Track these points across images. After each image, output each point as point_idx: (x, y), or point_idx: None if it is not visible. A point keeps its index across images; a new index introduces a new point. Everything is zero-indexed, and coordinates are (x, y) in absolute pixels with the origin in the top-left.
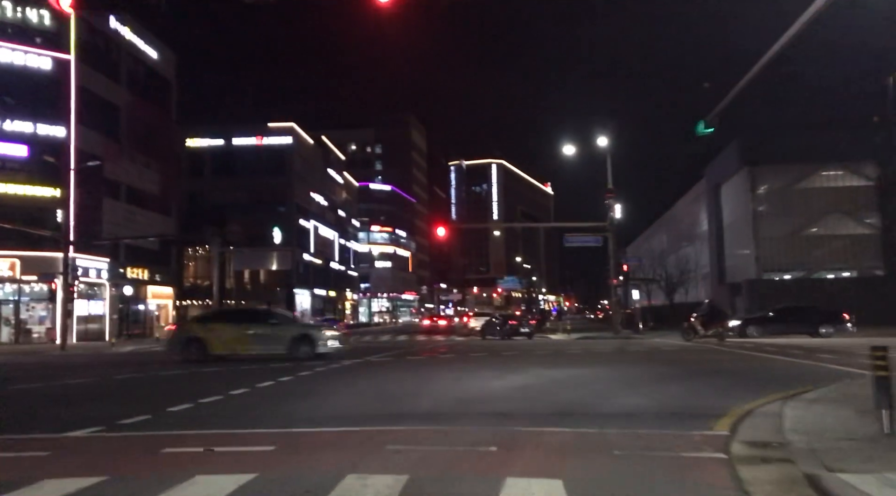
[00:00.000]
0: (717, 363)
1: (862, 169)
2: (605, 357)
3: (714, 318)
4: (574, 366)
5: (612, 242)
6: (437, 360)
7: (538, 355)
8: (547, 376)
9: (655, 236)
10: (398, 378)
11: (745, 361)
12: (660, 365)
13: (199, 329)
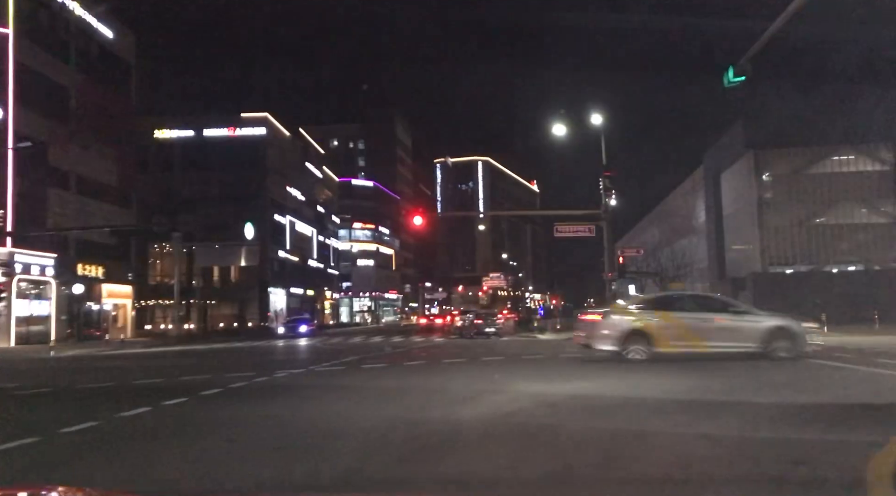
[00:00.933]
0: (756, 371)
1: (877, 152)
2: (608, 364)
3: None
4: (573, 378)
5: (607, 232)
6: (398, 370)
7: (525, 361)
8: (540, 397)
9: (648, 230)
10: (329, 400)
11: (788, 370)
12: (690, 375)
13: (641, 317)
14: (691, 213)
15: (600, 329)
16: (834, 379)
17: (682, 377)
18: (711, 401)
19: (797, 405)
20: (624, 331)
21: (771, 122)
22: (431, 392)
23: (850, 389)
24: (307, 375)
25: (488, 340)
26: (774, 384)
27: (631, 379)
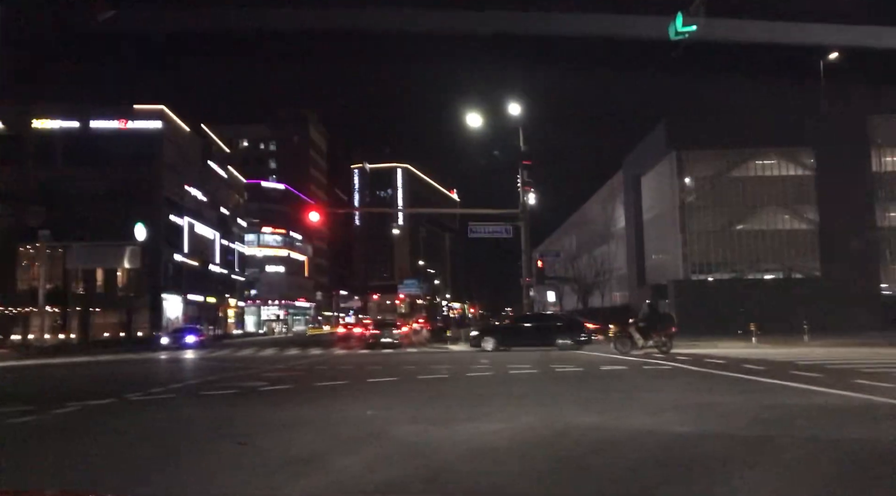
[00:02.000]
0: (750, 395)
1: (799, 156)
2: (531, 385)
3: (656, 324)
4: (478, 412)
5: (525, 233)
6: (245, 400)
7: (421, 383)
8: (424, 457)
9: (567, 237)
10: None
11: (754, 389)
12: (662, 410)
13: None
14: (610, 219)
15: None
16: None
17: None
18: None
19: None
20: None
21: (694, 123)
22: (255, 452)
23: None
24: (98, 413)
25: (394, 353)
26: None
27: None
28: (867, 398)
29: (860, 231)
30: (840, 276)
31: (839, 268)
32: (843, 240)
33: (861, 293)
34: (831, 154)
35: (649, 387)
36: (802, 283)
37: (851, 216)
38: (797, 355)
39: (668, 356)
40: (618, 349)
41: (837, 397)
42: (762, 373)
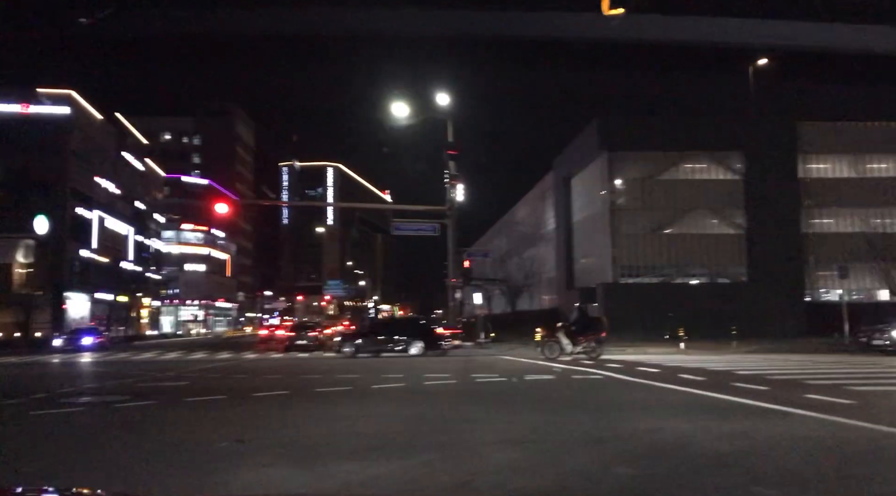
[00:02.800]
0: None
1: (729, 160)
2: (443, 402)
3: (585, 329)
4: (371, 446)
5: (452, 231)
6: (63, 424)
7: (320, 397)
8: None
9: (498, 238)
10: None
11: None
12: (601, 442)
13: None
14: (541, 220)
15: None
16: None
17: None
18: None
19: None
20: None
21: (625, 124)
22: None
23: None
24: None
25: (309, 357)
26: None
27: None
28: (847, 423)
29: (787, 236)
30: (766, 282)
31: (765, 274)
32: (769, 245)
33: (787, 298)
34: (760, 159)
35: (581, 404)
36: (729, 288)
37: (778, 221)
38: (732, 363)
39: (597, 363)
40: (545, 355)
41: (809, 422)
42: (703, 385)
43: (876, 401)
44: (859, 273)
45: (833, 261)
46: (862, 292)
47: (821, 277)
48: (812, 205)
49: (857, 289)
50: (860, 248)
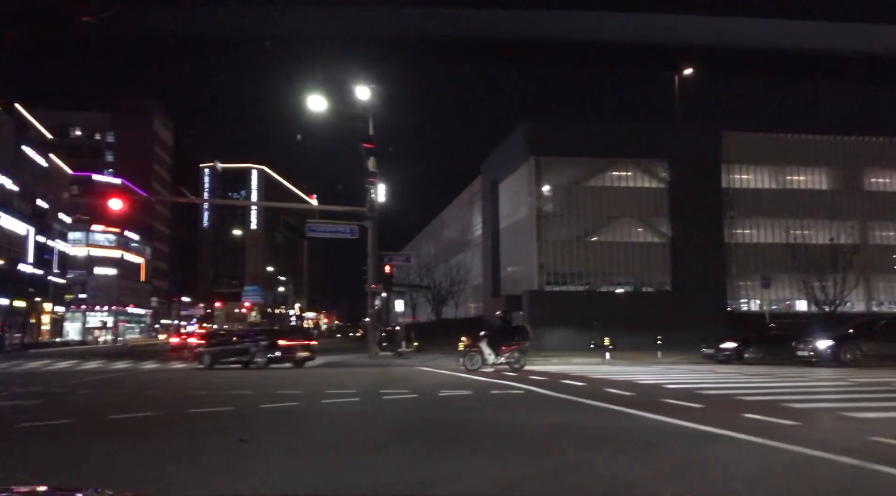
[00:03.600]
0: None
1: (654, 168)
2: (350, 424)
3: (509, 338)
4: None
5: (372, 234)
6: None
7: (195, 421)
8: None
9: (425, 244)
10: None
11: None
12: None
13: None
14: (468, 226)
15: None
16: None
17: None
18: None
19: None
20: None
21: (553, 129)
22: None
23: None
24: None
25: (212, 369)
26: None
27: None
28: (806, 453)
29: (710, 246)
30: (689, 291)
31: (689, 283)
32: (693, 254)
33: (710, 308)
34: (685, 168)
35: (493, 430)
36: (654, 297)
37: (702, 231)
38: (659, 375)
39: (520, 375)
40: (465, 366)
41: (763, 451)
42: (632, 402)
43: (821, 423)
44: (779, 283)
45: (755, 271)
46: (781, 302)
47: (742, 287)
48: (735, 215)
49: (776, 299)
50: (781, 259)
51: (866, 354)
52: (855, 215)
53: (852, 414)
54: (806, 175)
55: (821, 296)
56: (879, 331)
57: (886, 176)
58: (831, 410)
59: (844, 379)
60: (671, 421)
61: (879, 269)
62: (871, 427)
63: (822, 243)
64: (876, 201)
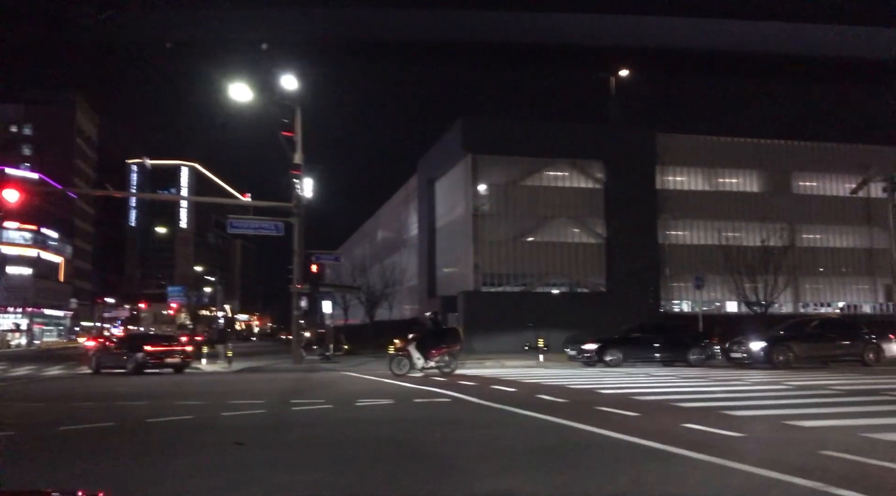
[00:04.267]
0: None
1: (590, 169)
2: (251, 440)
3: (439, 341)
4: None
5: (298, 231)
6: None
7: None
8: None
9: (360, 244)
10: None
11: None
12: None
13: None
14: (404, 225)
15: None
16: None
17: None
18: None
19: None
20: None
21: (490, 126)
22: None
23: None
24: None
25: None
26: None
27: None
28: (758, 473)
29: (645, 247)
30: (624, 292)
31: (623, 284)
32: (628, 255)
33: (644, 309)
34: (621, 169)
35: (405, 450)
36: (589, 298)
37: (637, 232)
38: (593, 379)
39: (450, 380)
40: (393, 371)
41: (708, 471)
42: (564, 411)
43: (767, 434)
44: (711, 284)
45: (688, 272)
46: (713, 303)
47: (675, 288)
48: (669, 216)
49: (708, 300)
50: (714, 260)
51: (798, 356)
52: (784, 218)
53: (796, 422)
54: (737, 177)
55: (752, 297)
56: (810, 332)
57: (813, 179)
58: (774, 418)
59: (779, 381)
60: (606, 433)
61: (806, 271)
62: (818, 438)
63: (753, 245)
64: (803, 204)
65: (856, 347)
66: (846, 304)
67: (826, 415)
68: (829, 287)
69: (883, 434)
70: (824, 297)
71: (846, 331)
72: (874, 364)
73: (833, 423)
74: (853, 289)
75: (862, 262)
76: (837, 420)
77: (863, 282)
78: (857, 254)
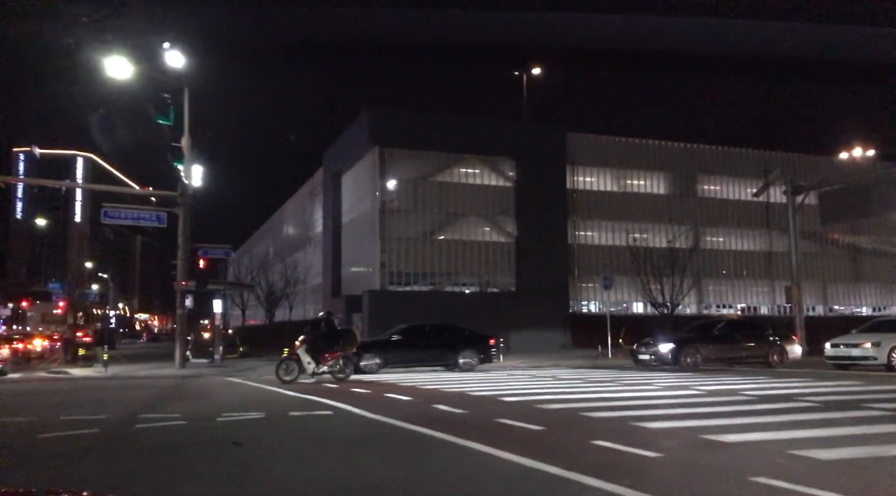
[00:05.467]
0: None
1: (502, 166)
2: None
3: (332, 343)
4: None
5: (184, 223)
6: None
7: None
8: None
9: (262, 242)
10: None
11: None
12: None
13: None
14: (309, 221)
15: None
16: None
17: None
18: None
19: None
20: None
21: (398, 119)
22: None
23: None
24: None
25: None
26: None
27: None
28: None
29: (555, 247)
30: (534, 292)
31: (533, 284)
32: (538, 255)
33: (553, 310)
34: (532, 167)
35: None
36: (498, 298)
37: (547, 231)
38: (497, 383)
39: (342, 387)
40: (280, 377)
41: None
42: (461, 426)
43: (687, 454)
44: (619, 285)
45: (597, 272)
46: (621, 304)
47: (585, 289)
48: (579, 216)
49: (616, 301)
50: (622, 261)
51: (705, 358)
52: (689, 220)
53: (716, 437)
54: (645, 179)
55: (658, 298)
56: (717, 334)
57: (717, 183)
58: (691, 432)
59: (690, 385)
60: (506, 457)
61: (710, 273)
62: (745, 459)
63: (660, 246)
64: (707, 207)
65: (761, 349)
66: (746, 306)
67: (746, 427)
68: (730, 289)
69: (813, 451)
70: (726, 299)
71: (751, 332)
72: (778, 365)
73: (756, 438)
74: (753, 292)
75: (762, 265)
76: (760, 433)
77: (762, 285)
78: (757, 257)
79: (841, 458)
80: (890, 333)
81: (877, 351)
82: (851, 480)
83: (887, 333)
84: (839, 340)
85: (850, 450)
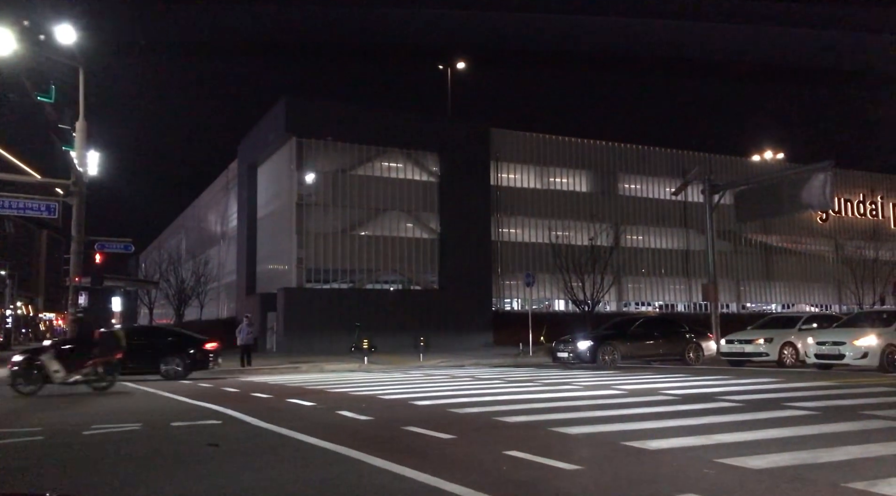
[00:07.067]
0: None
1: (425, 161)
2: None
3: (89, 348)
4: None
5: (77, 214)
6: None
7: None
8: None
9: (174, 237)
10: None
11: None
12: None
13: None
14: (224, 216)
15: None
16: None
17: None
18: None
19: None
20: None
21: (317, 108)
22: None
23: None
24: None
25: None
26: None
27: None
28: None
29: (478, 244)
30: (456, 290)
31: (456, 281)
32: (461, 252)
33: (475, 307)
34: (456, 163)
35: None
36: (421, 296)
37: (471, 228)
38: (413, 385)
39: (242, 390)
40: (17, 389)
41: None
42: (364, 436)
43: (611, 467)
44: (541, 283)
45: (520, 269)
46: (543, 302)
47: (507, 286)
48: (502, 213)
49: (538, 298)
50: (545, 258)
51: (623, 355)
52: (610, 218)
53: (639, 444)
54: (567, 177)
55: (579, 295)
56: (634, 332)
57: (636, 182)
58: (613, 438)
59: (609, 384)
60: (406, 474)
61: (629, 271)
62: (671, 469)
63: (581, 244)
64: (627, 205)
65: (678, 346)
66: (664, 303)
67: (670, 432)
68: (649, 286)
69: (742, 458)
70: (645, 297)
71: (669, 330)
72: (694, 363)
73: (680, 443)
74: (671, 289)
75: (679, 263)
76: (684, 438)
77: (679, 282)
78: (674, 255)
79: (773, 466)
80: (782, 330)
81: (769, 347)
82: (789, 494)
83: (779, 330)
84: (734, 337)
85: (781, 455)
